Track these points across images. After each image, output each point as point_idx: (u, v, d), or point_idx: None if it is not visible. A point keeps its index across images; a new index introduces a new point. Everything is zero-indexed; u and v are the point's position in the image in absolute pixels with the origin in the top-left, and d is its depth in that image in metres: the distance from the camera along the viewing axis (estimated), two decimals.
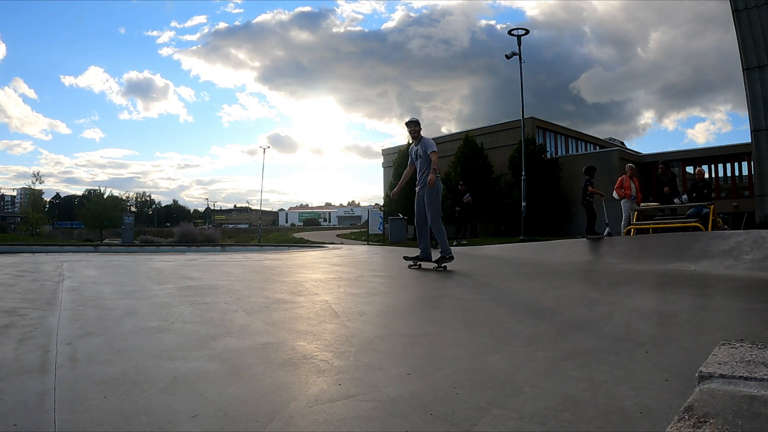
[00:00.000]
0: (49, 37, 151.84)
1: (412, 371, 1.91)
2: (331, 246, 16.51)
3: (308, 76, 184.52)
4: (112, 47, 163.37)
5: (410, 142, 6.17)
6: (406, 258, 6.50)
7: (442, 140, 31.10)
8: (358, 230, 37.55)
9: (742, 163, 24.70)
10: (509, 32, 16.89)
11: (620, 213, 9.86)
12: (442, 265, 6.00)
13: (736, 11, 12.20)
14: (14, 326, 2.65)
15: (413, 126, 6.11)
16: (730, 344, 1.62)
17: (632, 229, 9.39)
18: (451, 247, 6.06)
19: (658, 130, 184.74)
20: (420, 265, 6.27)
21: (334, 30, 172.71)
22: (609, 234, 9.12)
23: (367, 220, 22.43)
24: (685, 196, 9.37)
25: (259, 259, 9.25)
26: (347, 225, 65.86)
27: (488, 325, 2.88)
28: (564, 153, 29.68)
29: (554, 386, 1.72)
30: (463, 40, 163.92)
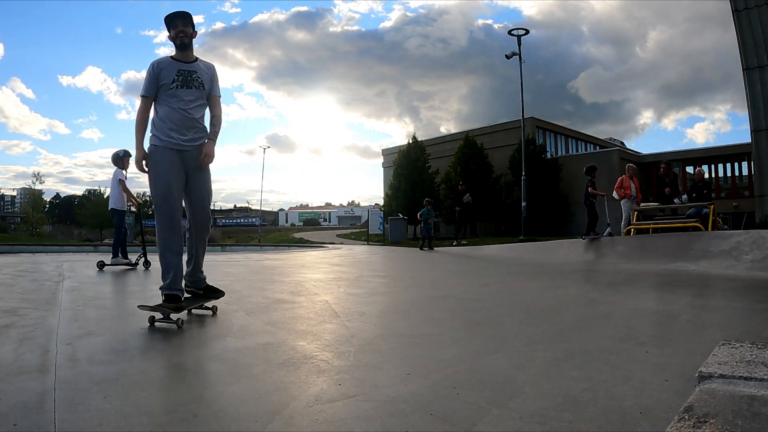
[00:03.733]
0: (47, 37, 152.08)
1: (412, 371, 1.91)
2: (331, 246, 16.51)
3: (306, 75, 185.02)
4: (110, 47, 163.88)
5: (178, 65, 2.93)
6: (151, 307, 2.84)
7: (441, 140, 31.15)
8: (358, 230, 37.56)
9: (742, 163, 24.69)
10: (509, 32, 16.87)
11: (620, 213, 9.85)
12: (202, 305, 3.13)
13: (736, 11, 12.19)
14: (14, 326, 2.65)
15: (183, 24, 2.95)
16: (730, 344, 1.62)
17: (632, 229, 9.38)
18: (452, 247, 5.18)
19: (657, 129, 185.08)
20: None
21: (331, 29, 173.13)
22: (610, 234, 9.11)
23: (367, 220, 22.45)
24: (685, 196, 9.36)
25: (259, 259, 9.26)
26: (347, 225, 65.80)
27: (488, 325, 2.88)
28: (564, 153, 29.66)
29: (554, 386, 1.72)
30: (460, 40, 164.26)
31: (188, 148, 2.90)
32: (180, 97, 2.89)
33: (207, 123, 3.06)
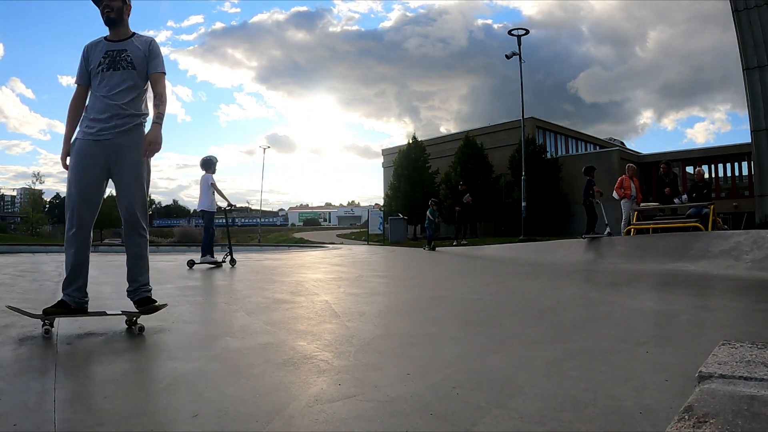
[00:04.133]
0: (47, 37, 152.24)
1: (412, 371, 1.91)
2: (331, 246, 16.51)
3: (306, 75, 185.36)
4: None
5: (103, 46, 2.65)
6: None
7: (441, 140, 31.13)
8: (358, 230, 37.53)
9: (742, 163, 24.68)
10: (509, 32, 16.87)
11: (620, 213, 9.85)
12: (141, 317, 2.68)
13: (736, 11, 12.18)
14: (14, 326, 2.65)
15: None
16: (730, 344, 1.62)
17: (632, 229, 9.39)
18: (452, 247, 5.17)
19: (657, 129, 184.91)
20: None
21: (331, 29, 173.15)
22: (609, 234, 9.12)
23: (367, 220, 22.44)
24: (685, 196, 9.37)
25: (259, 259, 9.26)
26: (347, 225, 65.71)
27: (488, 325, 2.88)
28: (564, 153, 29.65)
29: (554, 386, 1.72)
30: (460, 40, 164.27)
31: (110, 136, 2.52)
32: (105, 82, 2.55)
33: (149, 107, 2.68)
